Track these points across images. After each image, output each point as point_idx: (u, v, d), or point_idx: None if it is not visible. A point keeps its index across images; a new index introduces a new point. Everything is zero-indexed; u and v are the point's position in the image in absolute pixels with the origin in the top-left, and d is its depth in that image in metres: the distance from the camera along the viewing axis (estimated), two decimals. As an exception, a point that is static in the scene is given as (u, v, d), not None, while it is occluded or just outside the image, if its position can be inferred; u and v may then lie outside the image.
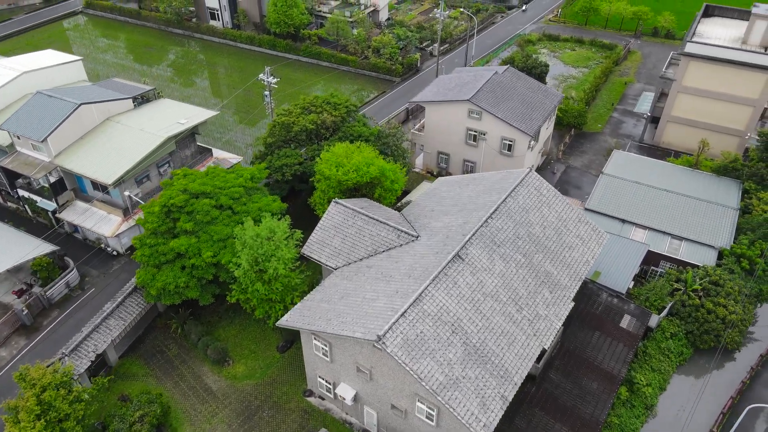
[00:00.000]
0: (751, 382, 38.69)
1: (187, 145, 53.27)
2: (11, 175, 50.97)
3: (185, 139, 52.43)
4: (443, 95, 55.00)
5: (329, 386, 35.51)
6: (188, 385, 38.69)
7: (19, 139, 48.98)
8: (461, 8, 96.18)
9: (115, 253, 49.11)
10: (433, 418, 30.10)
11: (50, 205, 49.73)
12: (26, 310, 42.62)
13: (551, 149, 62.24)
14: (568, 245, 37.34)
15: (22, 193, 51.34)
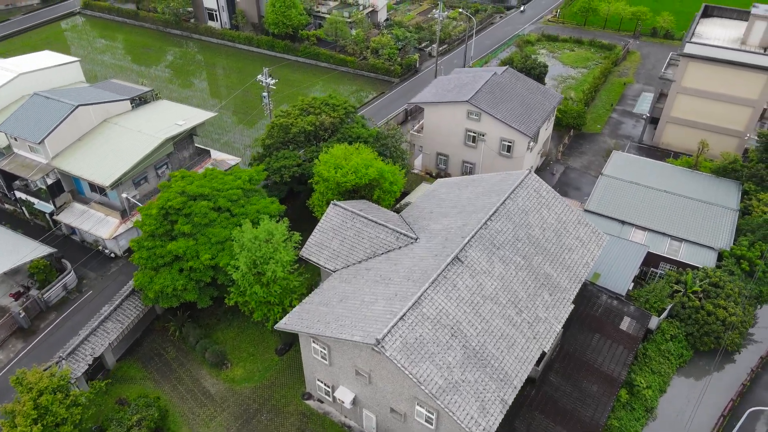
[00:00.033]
0: (751, 384, 38.59)
1: (185, 146, 53.06)
2: (8, 176, 50.77)
3: (183, 140, 52.21)
4: (442, 96, 54.83)
5: (328, 389, 35.34)
6: (186, 388, 38.51)
7: (16, 140, 48.78)
8: (460, 9, 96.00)
9: (112, 255, 48.93)
10: (432, 421, 29.95)
11: (47, 207, 49.49)
12: (23, 312, 42.41)
13: (550, 150, 62.11)
14: (567, 247, 37.20)
15: (19, 195, 51.12)
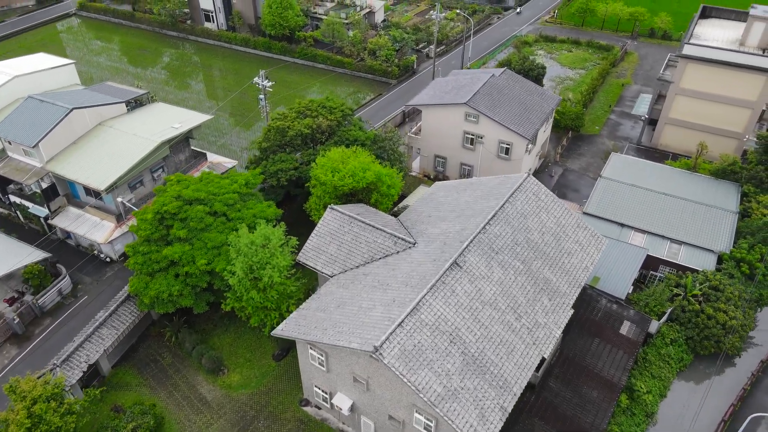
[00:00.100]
0: (751, 388, 38.33)
1: (181, 149, 52.65)
2: (2, 180, 50.26)
3: (179, 143, 51.79)
4: (440, 98, 54.50)
5: (326, 396, 34.98)
6: (182, 395, 38.10)
7: (10, 144, 48.33)
8: (457, 9, 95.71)
9: (108, 259, 48.50)
10: (431, 429, 29.57)
11: (42, 211, 49.06)
12: (18, 318, 41.97)
13: (549, 152, 61.82)
14: (567, 251, 36.89)
15: (13, 198, 50.67)
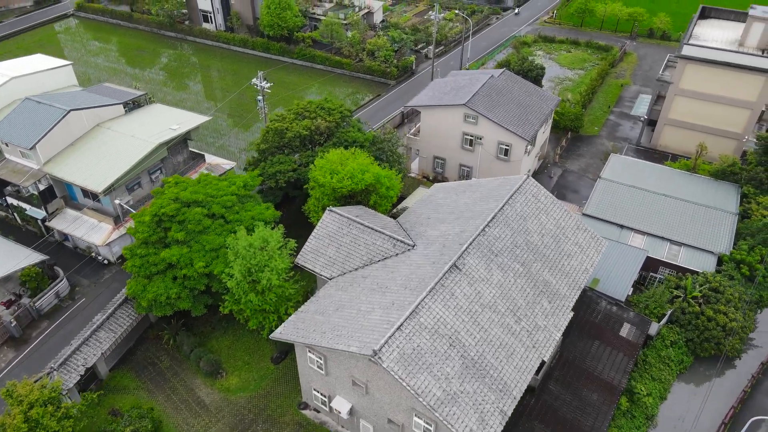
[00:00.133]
0: (752, 390, 38.21)
1: (179, 151, 52.46)
2: (0, 182, 50.09)
3: (177, 144, 51.58)
4: (439, 99, 54.35)
5: (324, 399, 34.82)
6: (180, 398, 37.91)
7: (7, 146, 48.07)
8: (456, 10, 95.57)
9: (106, 262, 48.29)
10: (430, 433, 29.47)
11: (40, 213, 48.83)
12: (15, 321, 41.76)
13: (548, 153, 61.69)
14: (566, 253, 36.74)
15: (10, 200, 50.43)
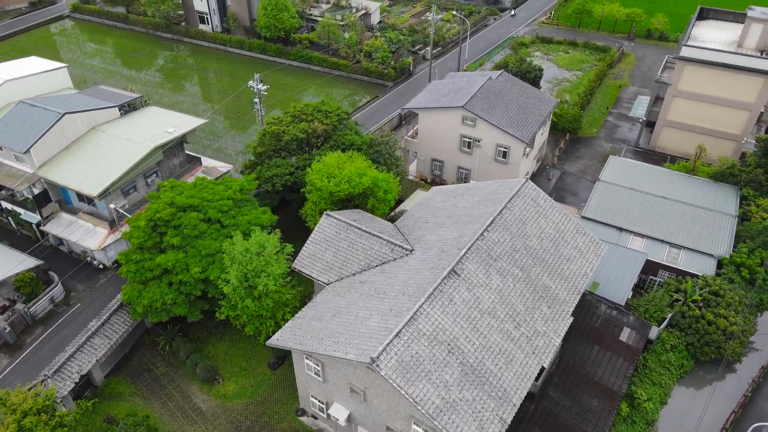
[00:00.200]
0: (752, 395, 37.95)
1: (175, 154, 52.03)
2: (-6, 186, 49.69)
3: (173, 148, 51.15)
4: (436, 101, 54.00)
5: (322, 406, 34.45)
6: (176, 405, 37.50)
7: (1, 150, 47.63)
8: (453, 11, 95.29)
9: (101, 266, 47.85)
10: (429, 440, 29.11)
11: (34, 217, 48.37)
12: (9, 328, 41.31)
13: (546, 155, 61.41)
14: (566, 257, 36.44)
15: (5, 205, 49.96)
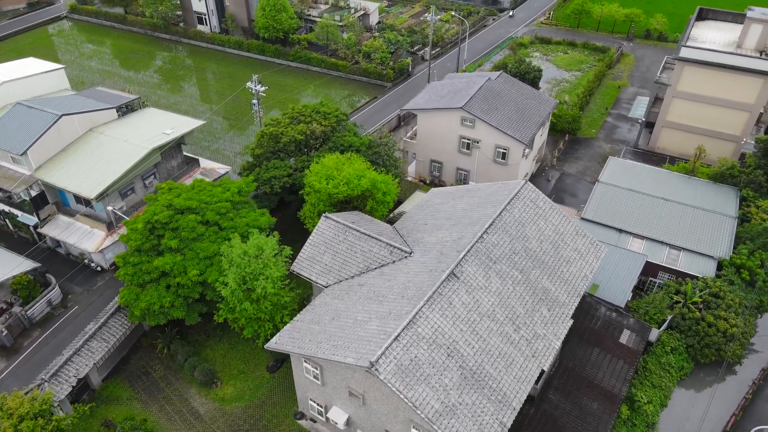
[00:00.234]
0: (753, 397, 37.82)
1: (173, 155, 51.79)
2: (-9, 188, 49.41)
3: (171, 149, 50.90)
4: (435, 102, 53.83)
5: (321, 409, 34.27)
6: (174, 408, 37.30)
7: (-2, 152, 47.48)
8: (452, 11, 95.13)
9: (99, 268, 47.63)
10: (428, 445, 28.94)
11: (31, 219, 48.14)
12: (6, 330, 41.07)
13: (545, 156, 61.25)
14: (565, 259, 36.29)
15: (2, 207, 49.71)
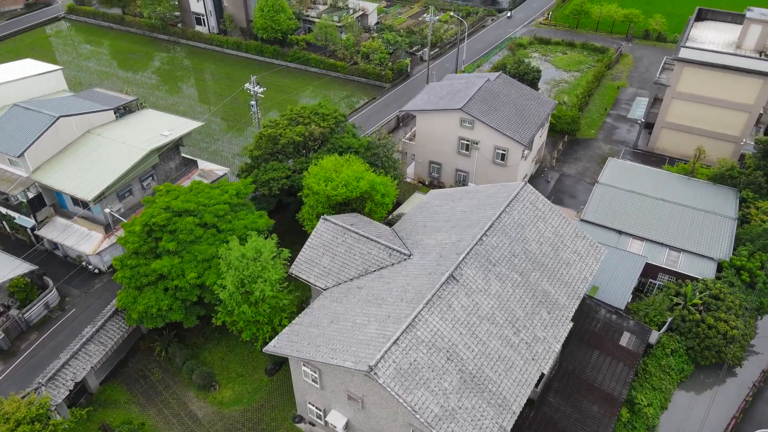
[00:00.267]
0: (753, 399, 37.68)
1: (171, 157, 51.61)
2: (-12, 190, 49.13)
3: (169, 151, 50.73)
4: (434, 104, 53.67)
5: (320, 413, 34.07)
6: (172, 412, 37.11)
7: (-5, 153, 47.24)
8: (451, 12, 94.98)
9: (96, 271, 47.42)
10: (428, 449, 28.75)
11: (29, 221, 47.92)
12: (3, 334, 40.85)
13: (545, 157, 61.11)
14: (565, 262, 36.13)
15: (-1, 209, 49.61)
